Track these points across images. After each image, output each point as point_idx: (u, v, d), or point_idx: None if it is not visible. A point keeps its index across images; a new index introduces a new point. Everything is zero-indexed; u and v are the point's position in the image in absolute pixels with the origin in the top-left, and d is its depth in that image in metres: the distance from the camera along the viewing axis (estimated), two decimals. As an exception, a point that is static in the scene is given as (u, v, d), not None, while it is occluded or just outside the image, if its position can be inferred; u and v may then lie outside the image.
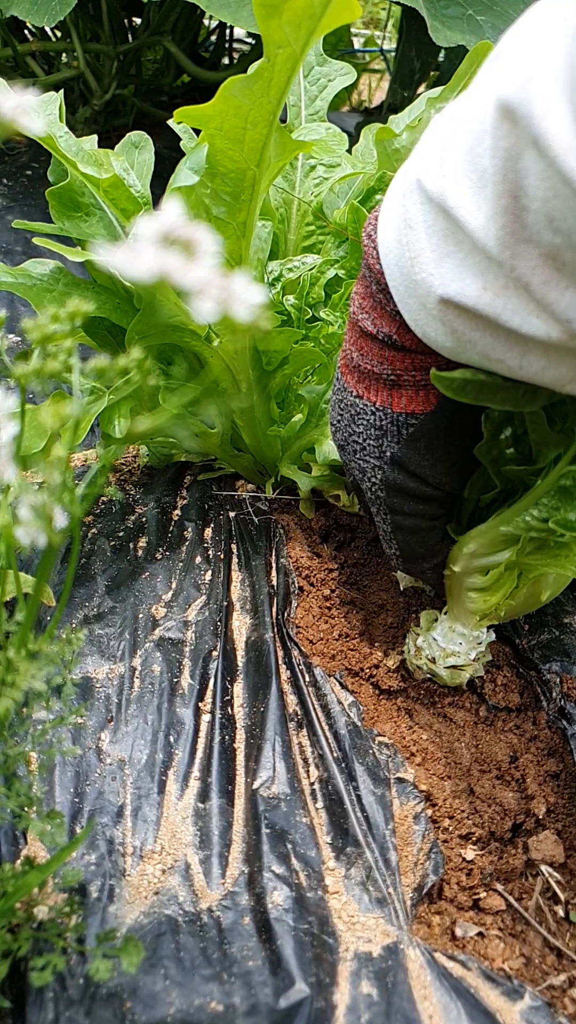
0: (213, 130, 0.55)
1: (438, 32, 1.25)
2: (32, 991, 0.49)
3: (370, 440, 0.59)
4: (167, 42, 1.50)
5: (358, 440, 0.60)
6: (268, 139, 0.56)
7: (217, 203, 0.59)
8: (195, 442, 0.78)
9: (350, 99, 2.31)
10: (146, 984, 0.49)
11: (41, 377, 0.29)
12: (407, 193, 0.47)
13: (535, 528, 0.56)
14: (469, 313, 0.45)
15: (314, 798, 0.60)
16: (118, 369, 0.29)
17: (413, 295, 0.48)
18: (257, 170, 0.57)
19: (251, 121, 0.54)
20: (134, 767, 0.61)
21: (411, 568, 0.66)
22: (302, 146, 0.58)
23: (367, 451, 0.60)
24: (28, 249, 1.26)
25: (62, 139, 0.64)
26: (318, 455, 0.76)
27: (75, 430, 0.29)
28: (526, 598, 0.64)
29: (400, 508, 0.61)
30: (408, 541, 0.63)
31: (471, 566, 0.62)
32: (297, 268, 0.74)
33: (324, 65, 0.81)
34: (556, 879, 0.60)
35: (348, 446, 0.62)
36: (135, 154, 0.73)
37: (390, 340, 0.54)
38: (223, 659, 0.69)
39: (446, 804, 0.62)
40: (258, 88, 0.52)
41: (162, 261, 0.22)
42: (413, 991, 0.51)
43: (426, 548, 0.64)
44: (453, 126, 0.44)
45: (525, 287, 0.42)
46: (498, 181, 0.39)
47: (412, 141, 0.72)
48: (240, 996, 0.49)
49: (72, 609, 0.74)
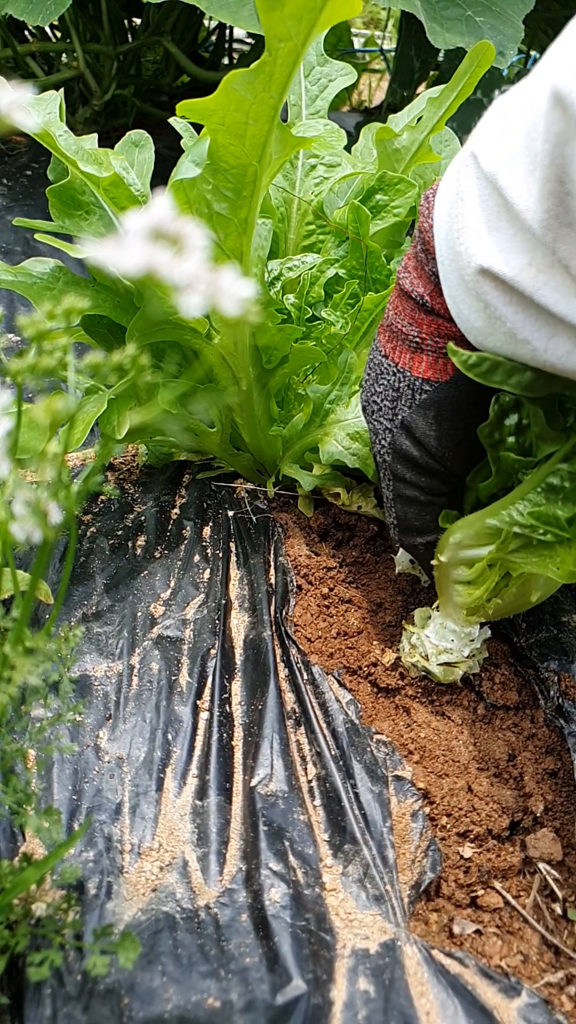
0: (215, 125, 0.56)
1: (436, 35, 1.25)
2: (30, 987, 0.49)
3: (386, 401, 0.61)
4: (167, 42, 1.50)
5: (376, 400, 0.62)
6: (270, 135, 0.56)
7: (219, 199, 0.60)
8: (189, 437, 0.78)
9: (350, 99, 2.31)
10: (144, 980, 0.49)
11: (36, 373, 0.29)
12: (462, 167, 0.49)
13: (518, 524, 0.56)
14: (506, 287, 0.47)
15: (312, 796, 0.61)
16: (112, 365, 0.29)
17: (454, 266, 0.50)
18: (259, 166, 0.58)
19: (253, 116, 0.54)
20: (132, 765, 0.61)
21: (405, 540, 0.67)
22: (302, 142, 0.58)
23: (383, 411, 0.62)
24: (28, 249, 1.26)
25: (61, 138, 0.65)
26: (322, 455, 0.76)
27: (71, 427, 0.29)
28: (515, 598, 0.64)
29: (402, 475, 0.62)
30: (406, 511, 0.64)
31: (457, 557, 0.62)
32: (297, 267, 0.74)
33: (325, 65, 0.81)
34: (554, 877, 0.60)
35: (369, 405, 0.64)
36: (135, 153, 0.73)
37: (422, 301, 0.56)
38: (221, 657, 0.70)
39: (444, 802, 0.62)
40: (260, 82, 0.53)
41: (150, 255, 0.22)
42: (410, 988, 0.51)
43: (421, 523, 0.65)
44: (512, 108, 0.46)
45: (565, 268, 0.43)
46: (547, 165, 0.41)
47: (412, 141, 0.73)
48: (237, 992, 0.49)
49: (71, 607, 0.74)
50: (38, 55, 1.54)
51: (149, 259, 0.22)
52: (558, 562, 0.57)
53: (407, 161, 0.75)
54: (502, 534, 0.58)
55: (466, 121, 1.57)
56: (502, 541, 0.58)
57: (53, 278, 0.71)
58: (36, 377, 0.29)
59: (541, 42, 1.81)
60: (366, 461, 0.76)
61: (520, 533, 0.57)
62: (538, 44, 1.86)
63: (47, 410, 0.27)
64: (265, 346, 0.71)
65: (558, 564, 0.56)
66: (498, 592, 0.63)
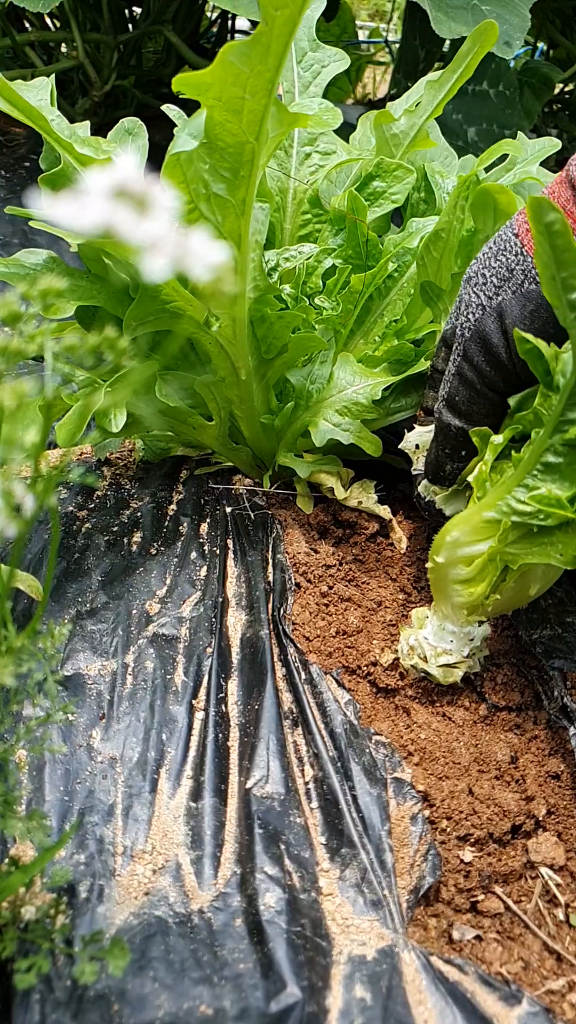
0: (212, 100, 0.54)
1: (441, 24, 1.23)
2: (19, 993, 0.48)
3: (495, 278, 0.60)
4: (168, 32, 1.48)
5: (485, 274, 0.61)
6: (267, 110, 0.55)
7: (216, 179, 0.58)
8: (161, 420, 0.77)
9: (354, 92, 2.29)
10: (135, 987, 0.48)
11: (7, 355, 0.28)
12: None
13: (518, 511, 0.54)
14: None
15: (309, 798, 0.59)
16: (89, 347, 0.28)
17: None
18: (256, 143, 0.56)
19: (250, 90, 0.53)
20: (126, 765, 0.60)
21: (445, 417, 0.66)
22: (299, 118, 0.57)
23: (486, 286, 0.61)
24: (26, 242, 1.25)
25: (55, 122, 0.63)
26: (314, 437, 0.75)
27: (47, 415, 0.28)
28: (514, 593, 0.63)
29: (472, 357, 0.62)
30: (459, 390, 0.64)
31: (455, 555, 0.61)
32: (294, 257, 0.73)
33: (317, 51, 0.79)
34: (556, 882, 0.59)
35: (475, 276, 0.63)
36: (129, 141, 0.72)
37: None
38: (218, 656, 0.68)
39: (444, 805, 0.61)
40: (257, 54, 0.51)
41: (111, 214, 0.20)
42: (408, 995, 0.50)
43: (467, 408, 0.64)
44: None
45: None
46: None
47: (410, 125, 0.71)
48: (230, 999, 0.48)
49: (64, 605, 0.73)
50: (37, 45, 1.53)
51: (109, 218, 0.20)
52: (560, 548, 0.55)
53: (405, 147, 0.73)
54: (500, 525, 0.56)
55: (471, 113, 1.55)
56: (501, 533, 0.57)
57: (46, 269, 0.70)
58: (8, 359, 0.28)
59: (548, 32, 1.78)
60: (360, 435, 0.74)
61: (519, 522, 0.55)
62: (545, 35, 1.83)
63: (14, 394, 0.25)
64: (264, 335, 0.69)
65: (560, 550, 0.55)
66: (497, 588, 0.61)
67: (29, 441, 0.28)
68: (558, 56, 1.87)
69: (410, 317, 0.79)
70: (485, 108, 1.56)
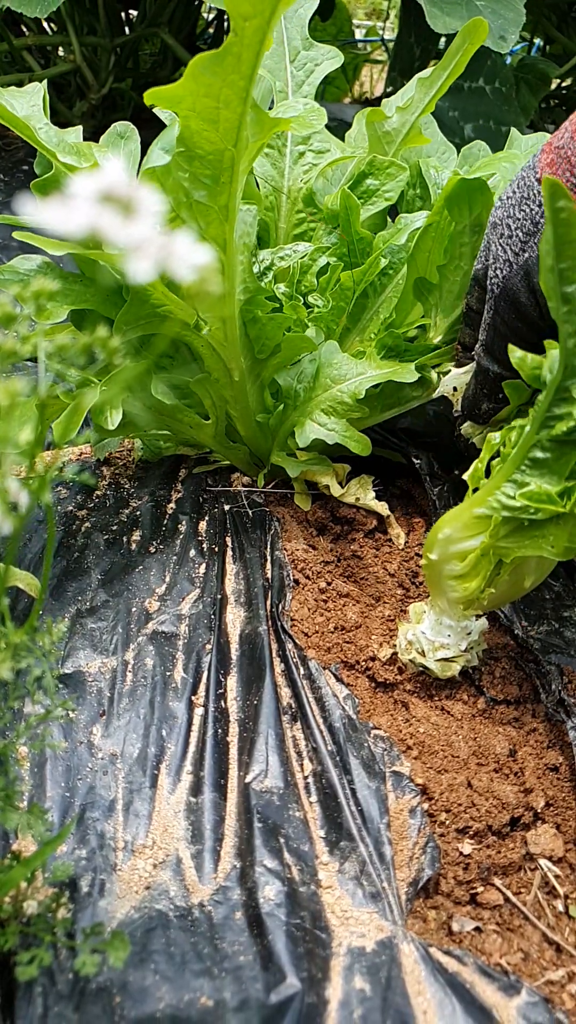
0: (186, 111, 0.54)
1: (436, 19, 1.23)
2: (21, 986, 0.48)
3: (520, 231, 0.58)
4: (164, 34, 1.49)
5: (511, 224, 0.59)
6: (243, 118, 0.54)
7: (197, 187, 0.58)
8: (158, 419, 0.77)
9: (352, 91, 2.30)
10: (136, 979, 0.49)
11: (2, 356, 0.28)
12: None
13: (508, 507, 0.55)
14: None
15: (308, 792, 0.60)
16: (81, 347, 0.28)
17: None
18: (235, 151, 0.56)
19: (223, 100, 0.53)
20: (126, 761, 0.61)
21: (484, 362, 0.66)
22: (279, 123, 0.57)
23: (512, 241, 0.59)
24: (25, 245, 1.25)
25: (42, 130, 0.64)
26: (299, 439, 0.75)
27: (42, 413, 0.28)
28: (509, 586, 0.63)
29: (503, 312, 0.61)
30: (493, 338, 0.64)
31: (447, 552, 0.61)
32: (289, 256, 0.73)
33: (310, 49, 0.80)
34: (555, 873, 0.59)
35: (500, 225, 0.61)
36: (121, 145, 0.72)
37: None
38: (217, 652, 0.69)
39: (443, 798, 0.61)
40: (228, 64, 0.51)
41: (96, 217, 0.21)
42: (407, 986, 0.50)
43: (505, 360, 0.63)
44: None
45: None
46: None
47: (402, 122, 0.71)
48: (231, 991, 0.48)
49: (65, 603, 0.74)
50: (34, 49, 1.54)
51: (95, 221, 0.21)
52: (551, 540, 0.55)
53: (398, 144, 0.74)
54: (491, 521, 0.57)
55: (468, 110, 1.55)
56: (492, 528, 0.57)
57: (40, 274, 0.70)
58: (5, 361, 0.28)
59: (544, 28, 1.78)
60: (345, 434, 0.74)
61: (510, 517, 0.56)
62: (541, 30, 1.83)
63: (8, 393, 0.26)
64: (257, 336, 0.70)
65: (552, 543, 0.55)
66: (492, 582, 0.62)
67: (24, 439, 0.28)
68: (554, 52, 1.87)
69: (400, 313, 0.79)
70: (482, 104, 1.56)
